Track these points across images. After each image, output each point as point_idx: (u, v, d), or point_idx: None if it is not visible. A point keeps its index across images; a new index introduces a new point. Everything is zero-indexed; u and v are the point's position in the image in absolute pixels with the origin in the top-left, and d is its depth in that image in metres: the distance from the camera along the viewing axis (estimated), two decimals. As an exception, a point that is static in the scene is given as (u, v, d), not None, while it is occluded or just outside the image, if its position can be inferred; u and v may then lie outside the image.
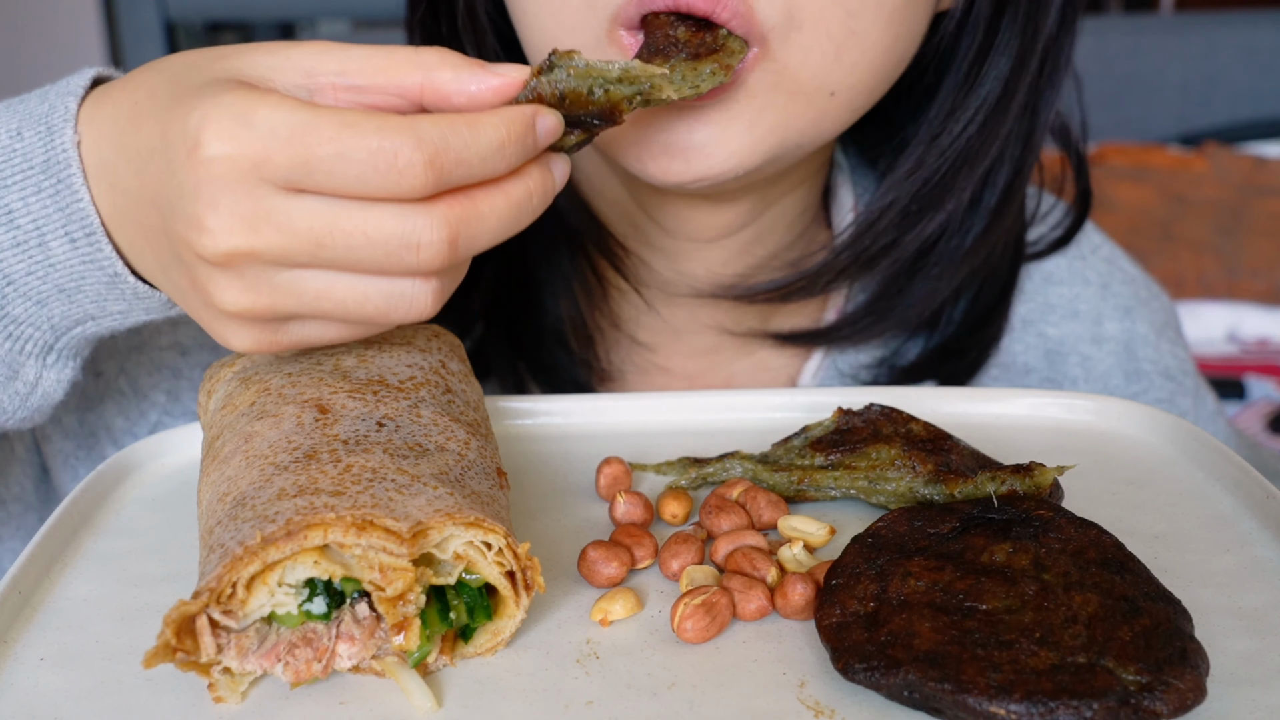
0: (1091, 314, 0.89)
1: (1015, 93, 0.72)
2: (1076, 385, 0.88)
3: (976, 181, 0.74)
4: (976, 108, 0.72)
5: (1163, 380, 0.90)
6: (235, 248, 0.47)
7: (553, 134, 0.50)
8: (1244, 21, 2.45)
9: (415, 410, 0.51)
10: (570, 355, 0.81)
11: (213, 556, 0.44)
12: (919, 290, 0.78)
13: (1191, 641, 0.43)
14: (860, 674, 0.43)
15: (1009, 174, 0.76)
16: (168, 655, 0.43)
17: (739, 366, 0.85)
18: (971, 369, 0.84)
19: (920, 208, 0.73)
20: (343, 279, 0.48)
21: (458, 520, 0.45)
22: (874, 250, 0.74)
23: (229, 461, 0.49)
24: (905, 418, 0.58)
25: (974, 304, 0.82)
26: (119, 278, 0.55)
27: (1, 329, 0.57)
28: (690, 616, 0.48)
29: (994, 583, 0.46)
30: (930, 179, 0.73)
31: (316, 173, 0.46)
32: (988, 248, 0.78)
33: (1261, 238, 2.06)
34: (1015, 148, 0.75)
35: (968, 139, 0.72)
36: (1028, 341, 0.88)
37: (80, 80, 0.55)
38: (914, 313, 0.79)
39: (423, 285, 0.49)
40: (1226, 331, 1.95)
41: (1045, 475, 0.53)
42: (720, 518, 0.54)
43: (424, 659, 0.46)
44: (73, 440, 0.76)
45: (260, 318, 0.50)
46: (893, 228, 0.74)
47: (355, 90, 0.49)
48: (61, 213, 0.54)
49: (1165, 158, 2.26)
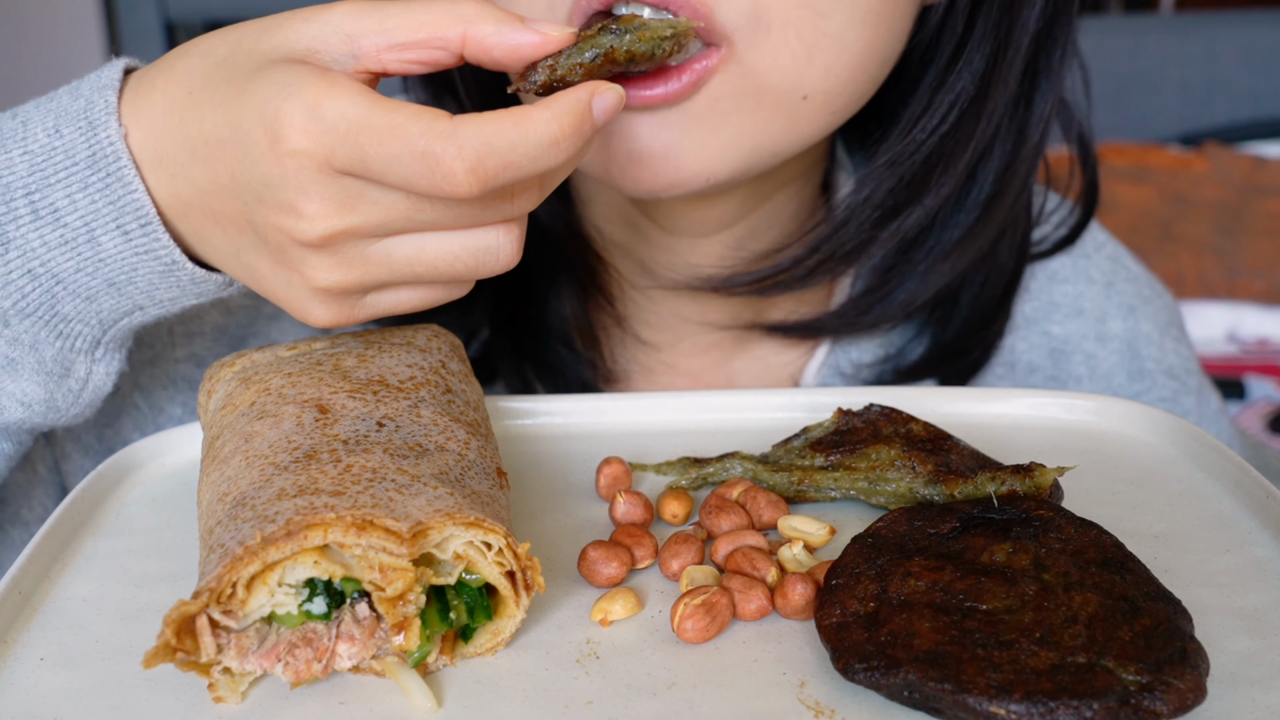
0: (1096, 312, 0.89)
1: (991, 89, 0.72)
2: (1080, 384, 0.88)
3: (960, 175, 0.74)
4: (950, 104, 0.71)
5: (1166, 379, 0.90)
6: (333, 229, 0.49)
7: (612, 111, 0.49)
8: (1244, 21, 2.45)
9: (415, 410, 0.51)
10: (575, 355, 0.81)
11: (213, 556, 0.44)
12: (908, 283, 0.78)
13: (1191, 641, 0.43)
14: (860, 674, 0.43)
15: (999, 167, 0.75)
16: (168, 655, 0.43)
17: (740, 364, 0.85)
18: (974, 367, 0.84)
19: (897, 203, 0.73)
20: (431, 241, 0.50)
21: (458, 520, 0.45)
22: (851, 245, 0.74)
23: (229, 461, 0.49)
24: (905, 418, 0.58)
25: (977, 300, 0.82)
26: (176, 265, 0.55)
27: (52, 328, 0.57)
28: (690, 616, 0.48)
29: (994, 583, 0.46)
30: (905, 176, 0.72)
31: (373, 170, 0.47)
32: (981, 241, 0.77)
33: (1261, 238, 2.06)
34: (1006, 141, 0.75)
35: (941, 136, 0.72)
36: (1032, 340, 0.88)
37: (113, 73, 0.55)
38: (904, 305, 0.79)
39: (505, 233, 0.50)
40: (1226, 331, 1.95)
41: (1045, 476, 0.53)
42: (720, 518, 0.54)
43: (424, 659, 0.46)
44: (92, 458, 0.77)
45: (351, 291, 0.51)
46: (870, 223, 0.73)
47: (398, 48, 0.50)
48: (113, 206, 0.54)
49: (1165, 158, 2.26)
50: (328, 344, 0.57)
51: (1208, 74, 2.39)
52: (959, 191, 0.75)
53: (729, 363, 0.85)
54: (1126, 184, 2.18)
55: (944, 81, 0.71)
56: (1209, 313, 1.96)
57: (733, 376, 0.85)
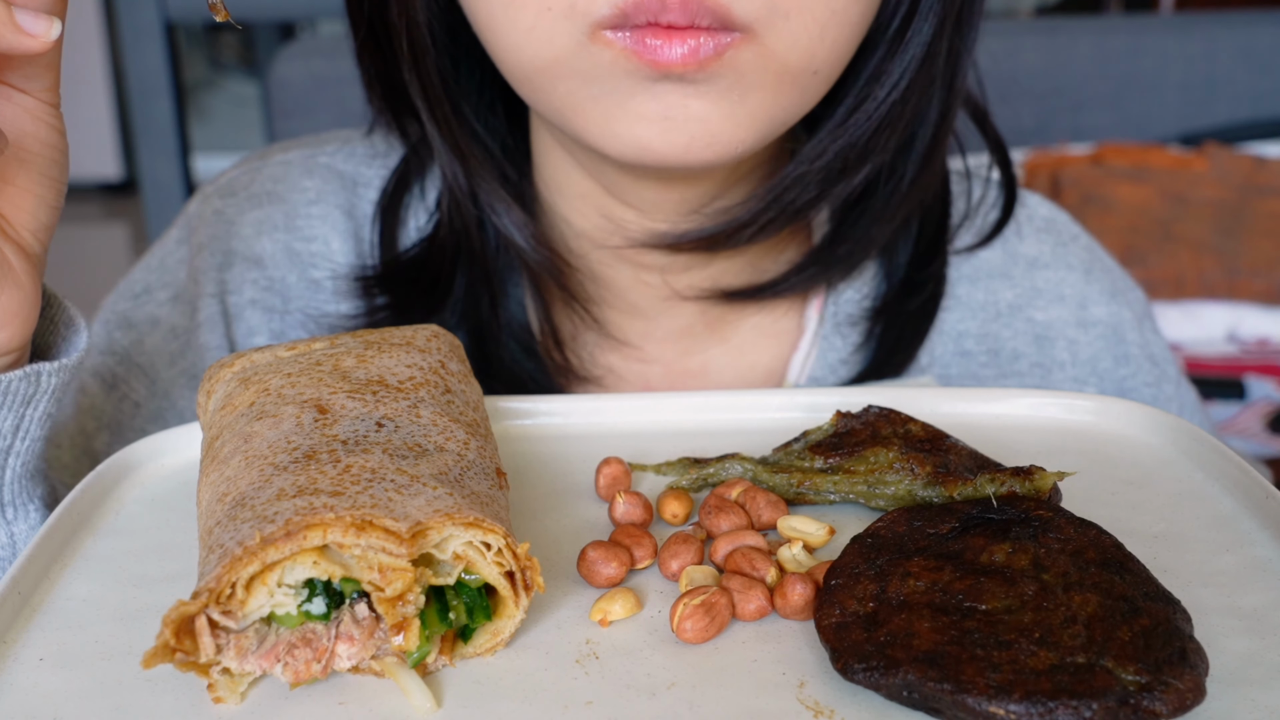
0: (1076, 298, 0.90)
1: (935, 55, 0.74)
2: (1064, 369, 0.89)
3: (903, 134, 0.76)
4: (901, 73, 0.73)
5: (1149, 365, 0.91)
6: None
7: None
8: (1244, 21, 2.45)
9: (415, 410, 0.51)
10: (539, 361, 0.82)
11: (212, 557, 0.44)
12: (859, 236, 0.80)
13: (1191, 641, 0.43)
14: (860, 674, 0.43)
15: (935, 122, 0.77)
16: (167, 656, 0.43)
17: (715, 350, 0.85)
18: (933, 302, 0.86)
19: (844, 165, 0.75)
20: None
21: (457, 520, 0.45)
22: (799, 204, 0.75)
23: (228, 462, 0.49)
24: (903, 419, 0.58)
25: (919, 240, 0.85)
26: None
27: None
28: (690, 617, 0.48)
29: (993, 583, 0.46)
30: (855, 141, 0.74)
31: None
32: (921, 191, 0.80)
33: (1261, 238, 2.05)
34: (940, 94, 0.77)
35: (892, 104, 0.73)
36: (1016, 327, 0.88)
37: None
38: (855, 259, 0.81)
39: None
40: (1226, 331, 1.95)
41: (1045, 479, 0.53)
42: (720, 518, 0.54)
43: (423, 659, 0.46)
44: None
45: None
46: (816, 184, 0.75)
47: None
48: None
49: (1165, 158, 2.26)
50: (327, 344, 0.57)
51: (1208, 74, 2.39)
52: (903, 147, 0.77)
53: (702, 350, 0.85)
54: (1126, 184, 2.18)
55: (895, 50, 0.73)
56: (1209, 313, 1.96)
57: (706, 363, 0.85)
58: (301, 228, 0.86)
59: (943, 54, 0.74)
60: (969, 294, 0.88)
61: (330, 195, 0.87)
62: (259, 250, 0.86)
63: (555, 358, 0.82)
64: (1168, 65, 2.41)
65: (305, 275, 0.86)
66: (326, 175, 0.88)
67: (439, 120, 0.77)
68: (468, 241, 0.81)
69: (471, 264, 0.81)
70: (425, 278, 0.82)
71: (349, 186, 0.88)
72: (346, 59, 0.82)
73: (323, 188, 0.87)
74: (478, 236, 0.81)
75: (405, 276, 0.83)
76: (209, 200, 0.89)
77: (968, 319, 0.88)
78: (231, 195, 0.88)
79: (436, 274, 0.81)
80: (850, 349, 0.84)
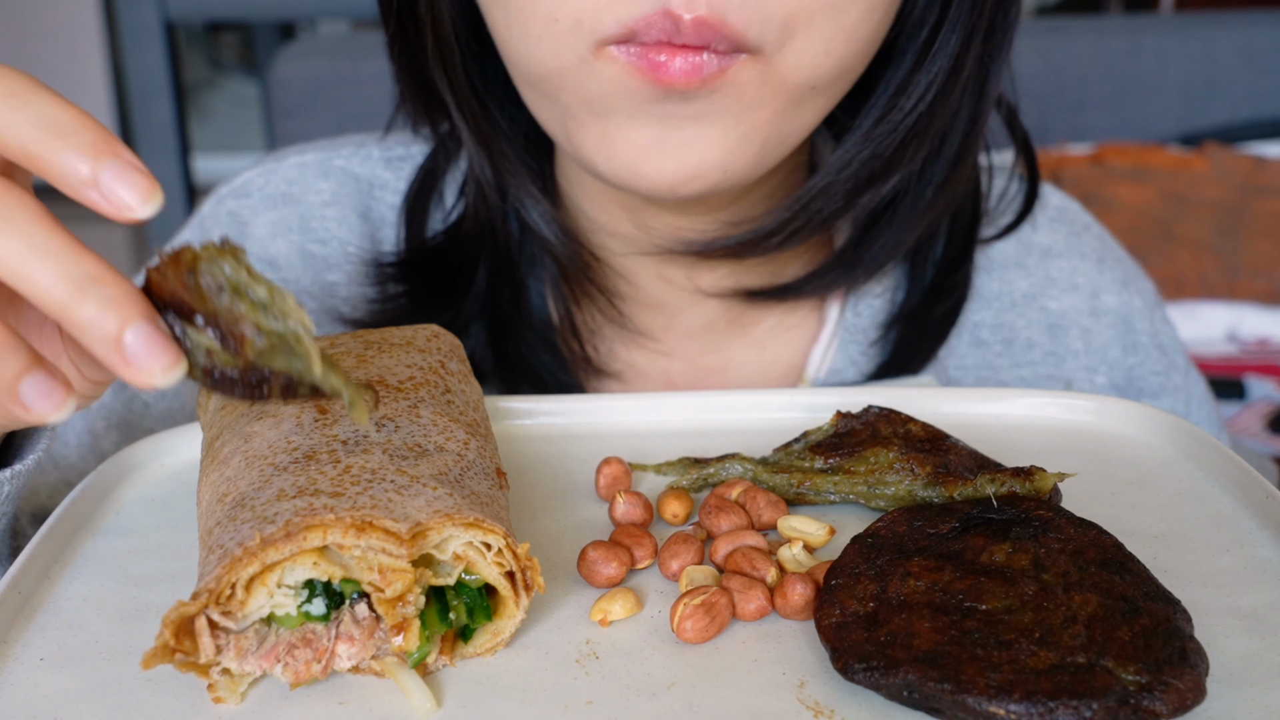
0: (1089, 287, 0.90)
1: (963, 66, 0.73)
2: (1078, 359, 0.89)
3: (931, 143, 0.76)
4: (927, 85, 0.73)
5: (1159, 354, 0.91)
6: None
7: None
8: (1244, 21, 2.45)
9: (414, 410, 0.51)
10: (558, 354, 0.82)
11: (212, 557, 0.44)
12: (884, 241, 0.79)
13: (1191, 641, 0.43)
14: (860, 674, 0.43)
15: (964, 129, 0.77)
16: (166, 656, 0.43)
17: (736, 345, 0.85)
18: (958, 306, 0.86)
19: (871, 176, 0.75)
20: None
21: (457, 521, 0.45)
22: (826, 213, 0.75)
23: (228, 462, 0.49)
24: (903, 419, 0.58)
25: (948, 244, 0.84)
26: None
27: None
28: (690, 617, 0.48)
29: (993, 583, 0.46)
30: (881, 152, 0.74)
31: None
32: (948, 197, 0.79)
33: (1261, 238, 2.05)
34: (970, 103, 0.76)
35: (918, 115, 0.73)
36: (1030, 316, 0.89)
37: None
38: (880, 263, 0.80)
39: None
40: (1226, 331, 1.95)
41: (1045, 480, 0.53)
42: (720, 518, 0.54)
43: (424, 659, 0.46)
44: None
45: None
46: (843, 194, 0.75)
47: None
48: None
49: (1165, 158, 2.26)
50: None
51: (1208, 74, 2.39)
52: (931, 156, 0.77)
53: (725, 345, 0.85)
54: (1126, 184, 2.18)
55: (921, 62, 0.73)
56: (1209, 313, 1.96)
57: (728, 359, 0.85)
58: (316, 230, 0.86)
59: (970, 64, 0.74)
60: (984, 284, 0.88)
61: (346, 198, 0.87)
62: (273, 252, 0.86)
63: (575, 351, 0.82)
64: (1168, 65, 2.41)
65: (319, 277, 0.86)
66: (342, 178, 0.88)
67: (466, 113, 0.77)
68: (491, 234, 0.81)
69: (494, 256, 0.81)
70: (447, 268, 0.82)
71: (364, 189, 0.88)
72: (347, 59, 0.83)
73: (338, 190, 0.87)
74: (502, 229, 0.81)
75: (426, 266, 0.83)
76: (223, 202, 0.89)
77: (983, 309, 0.88)
78: (246, 196, 0.88)
79: (458, 265, 0.82)
80: (871, 344, 0.85)
